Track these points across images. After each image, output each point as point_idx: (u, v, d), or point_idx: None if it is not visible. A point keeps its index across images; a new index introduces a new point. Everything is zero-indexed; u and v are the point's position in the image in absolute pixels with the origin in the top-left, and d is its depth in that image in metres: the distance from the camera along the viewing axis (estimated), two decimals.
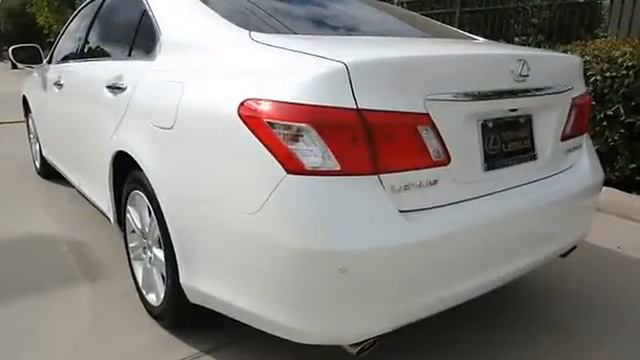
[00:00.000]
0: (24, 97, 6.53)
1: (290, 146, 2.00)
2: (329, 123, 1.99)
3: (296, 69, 2.10)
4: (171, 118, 2.55)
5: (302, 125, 1.99)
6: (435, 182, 2.21)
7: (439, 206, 2.24)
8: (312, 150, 1.99)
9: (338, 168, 1.99)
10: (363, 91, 2.02)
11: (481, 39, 3.63)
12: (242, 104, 2.13)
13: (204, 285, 2.47)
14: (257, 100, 2.10)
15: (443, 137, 2.21)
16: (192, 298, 2.62)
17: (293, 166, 2.00)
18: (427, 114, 2.15)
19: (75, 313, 3.20)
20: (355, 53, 2.13)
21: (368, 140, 2.03)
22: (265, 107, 2.07)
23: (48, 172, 6.13)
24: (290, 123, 2.00)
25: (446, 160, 2.23)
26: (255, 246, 2.13)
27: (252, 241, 2.14)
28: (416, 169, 2.15)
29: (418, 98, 2.14)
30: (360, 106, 2.00)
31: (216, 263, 2.39)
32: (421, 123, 2.14)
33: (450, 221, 2.22)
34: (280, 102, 2.04)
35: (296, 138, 2.00)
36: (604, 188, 3.24)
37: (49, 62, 5.48)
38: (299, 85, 2.04)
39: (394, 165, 2.09)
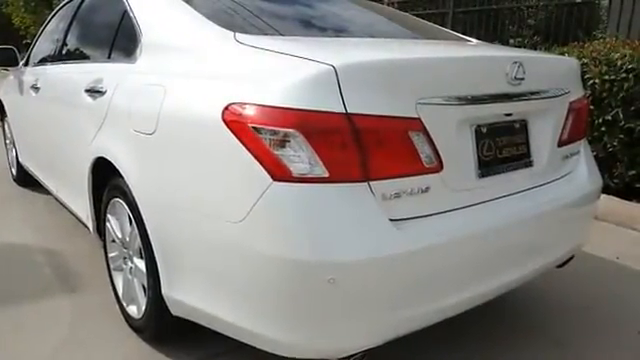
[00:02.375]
0: None
1: (276, 152, 2.00)
2: (317, 128, 1.99)
3: (283, 72, 2.10)
4: (153, 123, 2.55)
5: (289, 130, 1.98)
6: (427, 189, 2.22)
7: (431, 214, 2.24)
8: (299, 156, 1.99)
9: (326, 175, 1.99)
10: (352, 95, 2.02)
11: (475, 41, 3.64)
12: (226, 108, 2.13)
13: (187, 297, 2.47)
14: (242, 104, 2.10)
15: (435, 142, 2.21)
16: (174, 310, 2.61)
17: (280, 173, 1.99)
18: (418, 118, 2.15)
19: (52, 325, 3.18)
20: (344, 55, 2.13)
21: (357, 146, 2.02)
22: (250, 112, 2.06)
23: (25, 179, 6.09)
24: (276, 128, 2.00)
25: (438, 167, 2.23)
26: (240, 256, 2.13)
27: (237, 251, 2.13)
28: (407, 176, 2.15)
29: (409, 102, 2.14)
30: (349, 110, 2.00)
31: (199, 274, 2.38)
32: (412, 128, 2.14)
33: (442, 230, 2.22)
34: (266, 106, 2.04)
35: (283, 144, 1.99)
36: (602, 196, 3.25)
37: (26, 64, 5.47)
38: (286, 89, 2.03)
39: (384, 172, 2.09)
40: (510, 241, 2.49)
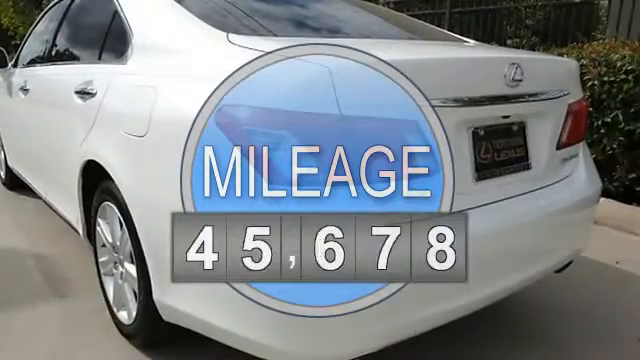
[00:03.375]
0: None
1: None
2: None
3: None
4: (144, 125, 2.54)
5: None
6: None
7: None
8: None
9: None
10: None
11: (472, 41, 3.63)
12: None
13: (179, 302, 2.45)
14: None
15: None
16: (166, 316, 2.60)
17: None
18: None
19: (41, 332, 3.18)
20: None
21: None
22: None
23: (14, 183, 6.07)
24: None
25: None
26: None
27: None
28: None
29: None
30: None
31: None
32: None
33: None
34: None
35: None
36: (602, 199, 3.25)
37: (14, 66, 5.46)
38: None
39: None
40: (508, 246, 2.48)
